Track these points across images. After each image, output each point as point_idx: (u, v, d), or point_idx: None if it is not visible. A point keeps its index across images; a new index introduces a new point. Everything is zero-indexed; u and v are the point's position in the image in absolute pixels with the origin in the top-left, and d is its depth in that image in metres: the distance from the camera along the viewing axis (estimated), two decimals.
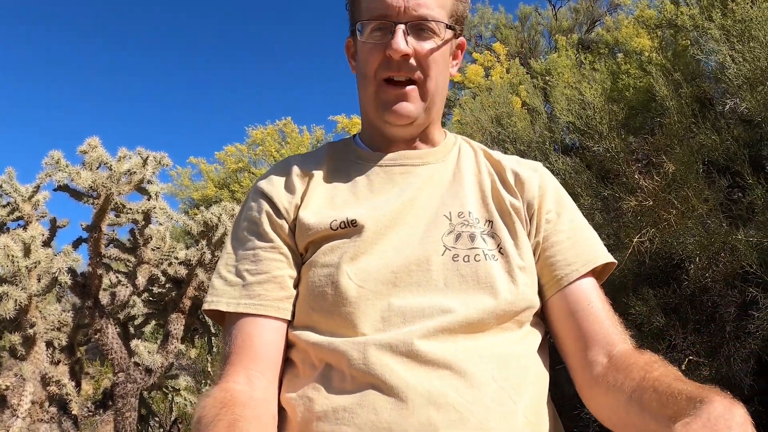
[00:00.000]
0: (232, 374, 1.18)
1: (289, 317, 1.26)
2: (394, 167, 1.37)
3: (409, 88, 1.30)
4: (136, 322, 4.92)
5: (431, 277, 1.20)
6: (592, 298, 1.28)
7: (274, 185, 1.35)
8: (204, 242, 4.06)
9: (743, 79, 4.82)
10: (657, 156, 5.35)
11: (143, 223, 4.24)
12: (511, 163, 1.41)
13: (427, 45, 1.29)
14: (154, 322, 4.92)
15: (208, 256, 4.07)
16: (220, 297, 1.27)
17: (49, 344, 4.38)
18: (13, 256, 3.95)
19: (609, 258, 1.33)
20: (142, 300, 4.48)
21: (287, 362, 1.26)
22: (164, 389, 4.93)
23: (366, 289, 1.19)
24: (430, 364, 1.11)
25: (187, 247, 4.52)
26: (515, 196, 1.34)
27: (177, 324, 4.19)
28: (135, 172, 4.05)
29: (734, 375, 5.09)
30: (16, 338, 4.32)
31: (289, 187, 1.34)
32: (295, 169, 1.37)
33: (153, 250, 4.34)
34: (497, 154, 1.44)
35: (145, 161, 4.08)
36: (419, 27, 1.28)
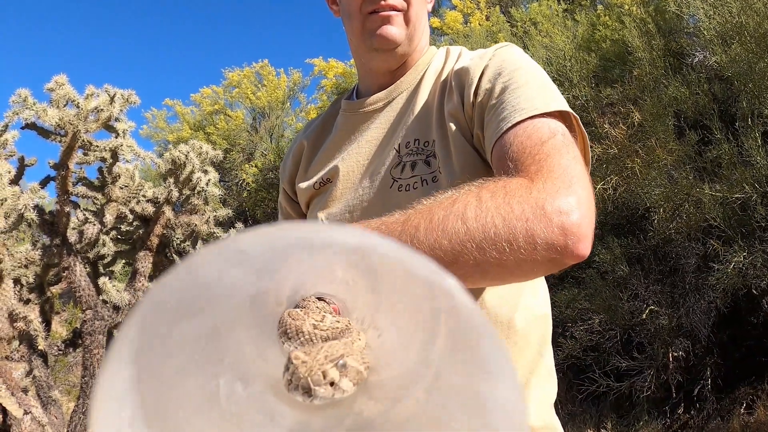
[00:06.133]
0: None
1: None
2: (358, 115, 1.47)
3: (393, 13, 1.35)
4: (106, 261, 4.93)
5: (383, 210, 1.19)
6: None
7: (285, 168, 1.63)
8: (171, 180, 4.05)
9: (714, 34, 4.84)
10: (625, 106, 5.40)
11: (111, 161, 4.21)
12: (464, 59, 1.37)
13: None
14: (123, 261, 4.93)
15: (175, 194, 4.05)
16: None
17: (16, 281, 4.39)
18: None
19: (536, 110, 1.12)
20: (111, 238, 4.47)
21: None
22: None
23: None
24: None
25: (157, 187, 4.50)
26: (452, 98, 1.30)
27: (145, 262, 4.20)
28: (102, 110, 4.01)
29: (694, 326, 5.23)
30: None
31: (289, 167, 1.60)
32: (295, 148, 1.61)
33: (121, 188, 4.32)
34: (464, 58, 1.38)
35: (112, 99, 4.03)
36: None
